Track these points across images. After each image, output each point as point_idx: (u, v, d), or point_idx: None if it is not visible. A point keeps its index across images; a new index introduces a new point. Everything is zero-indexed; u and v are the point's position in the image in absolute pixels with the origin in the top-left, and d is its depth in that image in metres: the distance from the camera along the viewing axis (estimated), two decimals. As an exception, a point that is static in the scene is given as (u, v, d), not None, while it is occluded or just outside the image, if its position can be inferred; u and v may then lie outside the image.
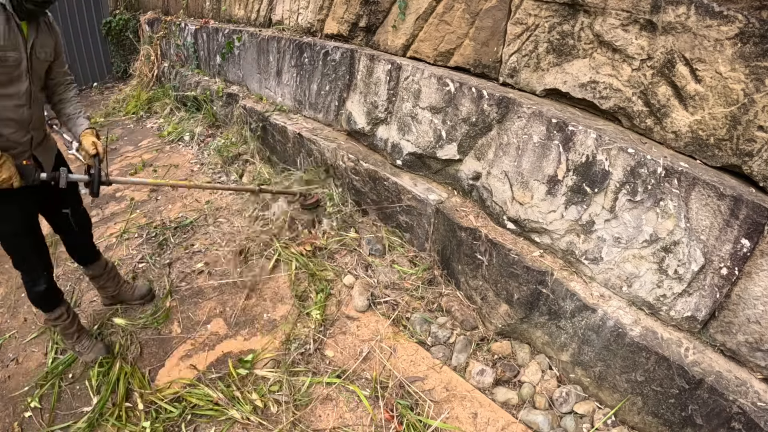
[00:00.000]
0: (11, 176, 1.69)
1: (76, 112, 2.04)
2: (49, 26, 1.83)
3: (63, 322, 2.14)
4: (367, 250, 2.84)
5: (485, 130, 2.36)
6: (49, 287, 2.04)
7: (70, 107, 2.04)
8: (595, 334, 1.92)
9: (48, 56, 1.83)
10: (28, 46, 1.69)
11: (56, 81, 2.01)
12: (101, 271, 2.40)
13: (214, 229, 3.21)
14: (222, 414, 1.94)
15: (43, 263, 2.01)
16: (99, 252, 2.39)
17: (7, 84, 1.65)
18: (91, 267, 2.36)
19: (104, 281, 2.44)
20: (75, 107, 2.05)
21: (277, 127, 3.71)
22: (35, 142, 1.85)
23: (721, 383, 1.62)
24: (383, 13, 3.08)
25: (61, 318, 2.13)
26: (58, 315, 2.11)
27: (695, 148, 1.83)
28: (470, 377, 2.13)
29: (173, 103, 5.50)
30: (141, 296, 2.59)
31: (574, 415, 1.96)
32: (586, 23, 2.04)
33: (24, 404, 2.07)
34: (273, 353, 2.26)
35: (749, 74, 1.62)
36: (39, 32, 1.75)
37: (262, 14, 4.34)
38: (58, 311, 2.11)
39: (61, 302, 2.12)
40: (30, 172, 1.77)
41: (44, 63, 1.82)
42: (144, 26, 6.20)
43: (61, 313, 2.12)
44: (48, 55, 1.82)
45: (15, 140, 1.74)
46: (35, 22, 1.73)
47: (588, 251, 2.00)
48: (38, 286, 2.01)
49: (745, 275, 1.62)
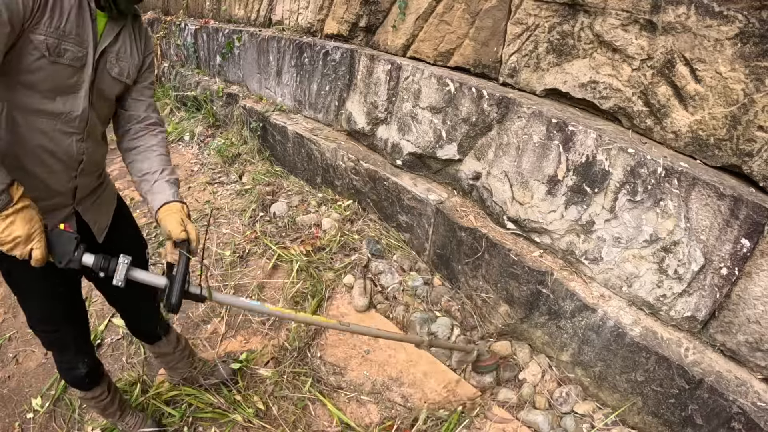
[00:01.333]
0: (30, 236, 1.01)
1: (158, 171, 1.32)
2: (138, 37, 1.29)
3: (103, 402, 1.67)
4: (368, 250, 2.84)
5: (485, 130, 2.36)
6: (89, 371, 1.54)
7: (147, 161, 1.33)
8: (595, 334, 1.92)
9: (125, 75, 1.25)
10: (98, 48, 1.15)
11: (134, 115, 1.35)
12: (171, 349, 1.87)
13: (215, 229, 3.21)
14: (224, 417, 1.94)
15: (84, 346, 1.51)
16: (168, 325, 1.87)
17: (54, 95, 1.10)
18: (158, 345, 1.83)
19: (174, 362, 1.92)
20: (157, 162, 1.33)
21: (277, 127, 3.72)
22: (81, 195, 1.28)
23: (721, 383, 1.63)
24: (383, 13, 3.08)
25: (101, 397, 1.65)
26: (98, 394, 1.64)
27: (695, 148, 1.83)
28: (470, 377, 2.14)
29: (173, 103, 5.50)
30: (222, 380, 2.04)
31: (574, 415, 1.96)
32: (586, 23, 2.04)
33: (26, 404, 2.07)
34: (273, 354, 2.26)
35: (749, 74, 1.62)
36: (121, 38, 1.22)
37: (262, 14, 4.33)
38: (98, 390, 1.63)
39: (102, 379, 1.64)
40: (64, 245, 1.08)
41: (117, 83, 1.25)
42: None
43: (101, 391, 1.64)
44: (125, 74, 1.25)
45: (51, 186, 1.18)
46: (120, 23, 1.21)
47: (588, 251, 2.00)
48: (77, 371, 1.52)
49: (745, 275, 1.62)
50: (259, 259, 2.85)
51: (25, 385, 2.17)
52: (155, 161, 1.33)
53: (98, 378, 1.62)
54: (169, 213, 1.25)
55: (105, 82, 1.21)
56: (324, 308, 2.52)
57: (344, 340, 2.34)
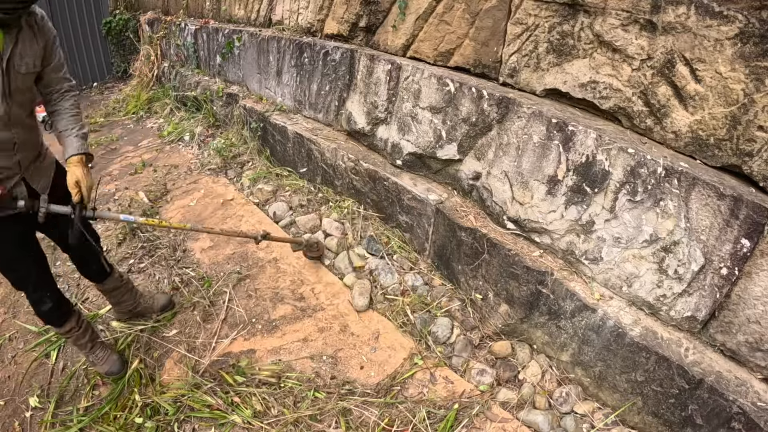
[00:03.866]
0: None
1: (68, 128, 1.74)
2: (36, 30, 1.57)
3: (75, 334, 2.01)
4: (367, 250, 2.84)
5: (485, 130, 2.36)
6: (55, 305, 1.89)
7: (62, 121, 1.75)
8: (595, 334, 1.92)
9: (33, 67, 1.57)
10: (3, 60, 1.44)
11: (50, 89, 1.74)
12: (116, 284, 2.21)
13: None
14: (222, 417, 1.94)
15: (45, 281, 1.85)
16: (111, 265, 2.19)
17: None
18: (105, 282, 2.17)
19: (120, 296, 2.26)
20: (68, 121, 1.75)
21: (277, 127, 3.72)
22: (24, 164, 1.66)
23: (721, 383, 1.62)
24: (383, 13, 3.08)
25: (72, 331, 2.00)
26: (69, 329, 1.98)
27: (695, 148, 1.83)
28: (470, 377, 2.14)
29: (173, 103, 5.50)
30: (162, 308, 2.45)
31: (574, 415, 1.96)
32: (586, 23, 2.04)
33: (25, 404, 2.07)
34: (273, 354, 2.26)
35: (749, 74, 1.62)
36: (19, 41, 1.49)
37: (262, 14, 4.34)
38: (68, 325, 1.98)
39: (71, 315, 1.98)
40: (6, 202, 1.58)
41: (28, 75, 1.57)
42: (144, 26, 6.20)
43: (71, 326, 1.98)
44: (33, 66, 1.57)
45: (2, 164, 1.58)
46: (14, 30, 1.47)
47: (588, 251, 2.00)
48: (44, 305, 1.87)
49: (745, 275, 1.62)
50: (259, 259, 2.84)
51: (25, 385, 2.17)
52: (68, 121, 1.74)
53: (67, 314, 1.96)
54: (71, 165, 1.69)
55: (18, 80, 1.51)
56: (331, 305, 2.51)
57: (345, 341, 2.33)
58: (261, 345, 2.32)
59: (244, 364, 2.19)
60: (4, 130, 1.53)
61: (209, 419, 1.95)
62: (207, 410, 1.97)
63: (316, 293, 2.63)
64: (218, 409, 1.97)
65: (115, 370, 2.09)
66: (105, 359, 2.10)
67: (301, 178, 3.62)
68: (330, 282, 2.70)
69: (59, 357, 2.30)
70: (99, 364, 2.10)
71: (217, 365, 2.20)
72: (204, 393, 2.03)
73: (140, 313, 2.39)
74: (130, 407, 2.00)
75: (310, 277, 2.73)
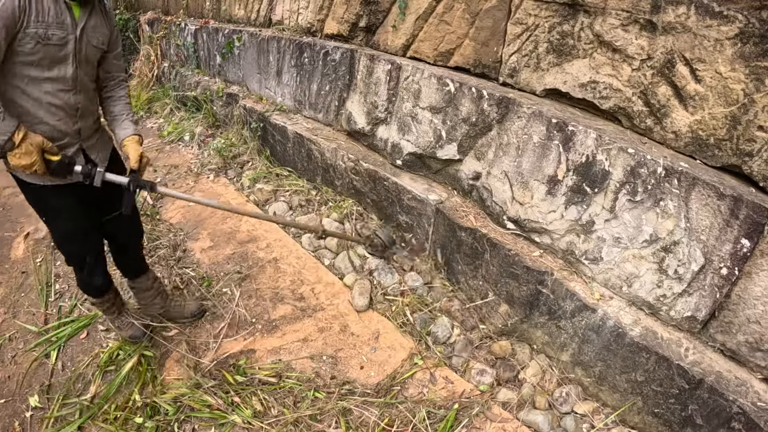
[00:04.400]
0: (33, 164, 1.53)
1: (123, 113, 1.91)
2: (105, 14, 1.75)
3: (107, 304, 2.14)
4: (367, 250, 2.84)
5: (485, 130, 2.36)
6: (104, 281, 2.02)
7: (117, 106, 1.91)
8: (595, 334, 1.92)
9: (102, 43, 1.72)
10: (78, 28, 1.59)
11: (109, 74, 1.88)
12: (148, 285, 2.27)
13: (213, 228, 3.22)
14: (222, 417, 1.94)
15: (102, 259, 1.97)
16: (147, 266, 2.27)
17: (51, 66, 1.56)
18: (137, 281, 2.24)
19: (151, 298, 2.30)
20: (123, 107, 1.92)
21: (277, 127, 3.72)
22: (85, 134, 1.75)
23: (721, 383, 1.63)
24: (383, 13, 3.08)
25: (107, 302, 2.13)
26: (105, 299, 2.12)
27: (695, 148, 1.83)
28: (470, 377, 2.14)
29: (173, 103, 5.49)
30: (192, 315, 2.42)
31: (574, 415, 1.96)
32: (586, 23, 2.04)
33: (25, 405, 2.07)
34: (273, 354, 2.26)
35: (749, 74, 1.62)
36: (93, 16, 1.66)
37: (262, 14, 4.34)
38: (106, 297, 2.11)
39: (110, 288, 2.11)
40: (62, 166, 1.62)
41: (97, 50, 1.71)
42: (144, 26, 6.19)
43: (108, 297, 2.12)
44: (102, 43, 1.72)
45: (61, 129, 1.65)
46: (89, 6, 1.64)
47: (588, 251, 2.00)
48: (95, 280, 1.98)
49: (745, 275, 1.62)
50: (259, 259, 2.84)
51: (25, 385, 2.17)
52: (123, 106, 1.92)
53: (109, 286, 2.10)
54: (130, 143, 1.84)
55: (88, 50, 1.66)
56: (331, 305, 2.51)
57: (345, 341, 2.33)
58: (261, 345, 2.32)
59: (244, 363, 2.19)
60: (71, 93, 1.64)
61: (209, 419, 1.95)
62: (207, 410, 1.97)
63: (316, 293, 2.63)
64: (218, 409, 1.97)
65: (139, 335, 2.23)
66: (130, 325, 2.22)
67: (300, 177, 3.62)
68: (330, 282, 2.70)
69: (59, 357, 2.30)
70: (124, 329, 2.23)
71: (218, 365, 2.20)
72: (204, 393, 2.03)
73: (170, 318, 2.41)
74: (131, 407, 2.00)
75: (310, 277, 2.73)
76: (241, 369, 2.16)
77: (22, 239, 3.24)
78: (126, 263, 2.20)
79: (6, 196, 3.74)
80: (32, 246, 3.14)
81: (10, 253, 3.12)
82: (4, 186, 3.73)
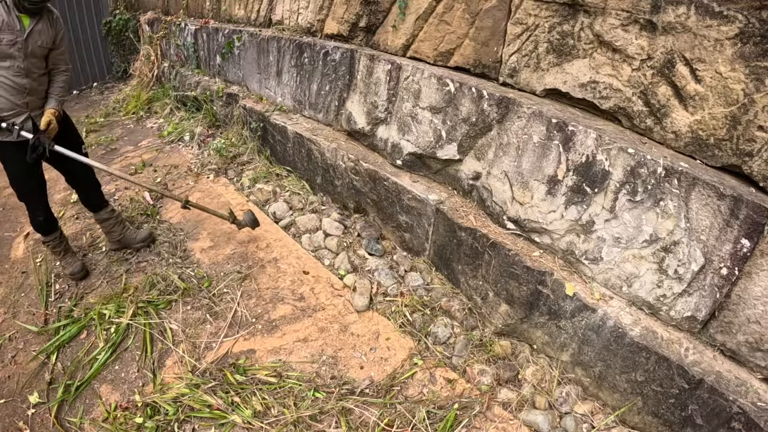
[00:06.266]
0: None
1: (54, 93, 2.45)
2: (52, 21, 2.32)
3: (54, 242, 2.73)
4: (367, 250, 2.84)
5: (485, 130, 2.36)
6: (46, 218, 2.63)
7: (52, 87, 2.46)
8: (595, 334, 1.92)
9: (46, 43, 2.29)
10: (26, 32, 2.19)
11: (54, 65, 2.43)
12: (109, 215, 2.86)
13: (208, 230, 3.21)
14: (222, 417, 1.94)
15: (42, 201, 2.58)
16: (107, 201, 2.91)
17: (4, 59, 2.18)
18: (100, 213, 2.85)
19: (111, 226, 2.89)
20: (54, 89, 2.46)
21: (277, 127, 3.72)
22: (32, 106, 2.36)
23: (721, 383, 1.62)
24: (383, 13, 3.08)
25: (54, 240, 2.72)
26: (53, 238, 2.72)
27: (695, 148, 1.83)
28: (470, 377, 2.13)
29: (173, 103, 5.49)
30: (143, 239, 2.98)
31: (574, 415, 1.96)
32: (586, 23, 2.04)
33: (25, 404, 2.07)
34: (273, 354, 2.26)
35: (749, 74, 1.62)
36: (40, 23, 2.24)
37: (262, 14, 4.33)
38: (53, 236, 2.72)
39: (55, 229, 2.73)
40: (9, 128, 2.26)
41: (42, 48, 2.28)
42: (144, 26, 6.19)
43: (54, 236, 2.72)
44: (46, 43, 2.29)
45: (13, 101, 2.26)
46: (36, 17, 2.22)
47: (588, 251, 2.00)
48: (38, 217, 2.60)
49: (745, 275, 1.62)
50: (259, 259, 2.83)
51: (25, 385, 2.17)
52: (54, 88, 2.46)
53: (53, 227, 2.71)
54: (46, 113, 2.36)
55: (34, 48, 2.25)
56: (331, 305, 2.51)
57: (345, 341, 2.33)
58: (261, 345, 2.32)
59: (244, 363, 2.18)
60: (21, 77, 2.25)
61: (209, 419, 1.95)
62: (207, 410, 1.97)
63: (316, 293, 2.63)
64: (218, 408, 1.97)
65: (77, 271, 2.76)
66: (72, 264, 2.79)
67: (300, 178, 3.62)
68: (330, 282, 2.70)
69: (59, 357, 2.30)
70: (67, 268, 2.78)
71: (218, 365, 2.20)
72: (204, 393, 2.03)
73: (125, 243, 2.97)
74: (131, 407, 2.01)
75: (310, 277, 2.73)
76: (241, 369, 2.16)
77: (22, 239, 3.24)
78: (88, 201, 2.84)
79: (6, 196, 3.74)
80: (32, 246, 3.14)
81: (10, 253, 3.12)
82: (5, 186, 3.73)
